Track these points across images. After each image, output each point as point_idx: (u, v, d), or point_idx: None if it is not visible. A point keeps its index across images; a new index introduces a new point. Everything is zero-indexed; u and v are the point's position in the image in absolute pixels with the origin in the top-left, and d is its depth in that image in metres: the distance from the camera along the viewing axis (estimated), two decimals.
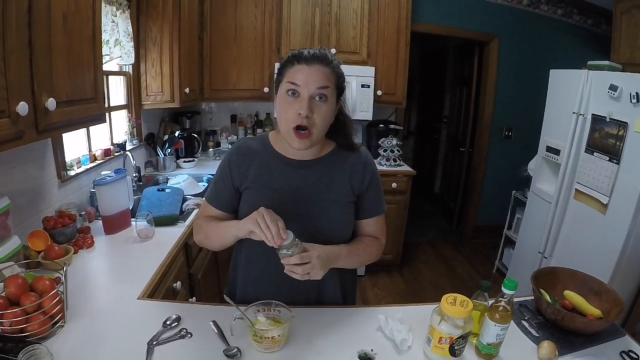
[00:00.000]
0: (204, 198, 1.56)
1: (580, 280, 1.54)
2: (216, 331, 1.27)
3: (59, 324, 1.30)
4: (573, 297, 1.49)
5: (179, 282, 2.00)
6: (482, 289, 1.25)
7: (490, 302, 1.22)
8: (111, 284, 1.69)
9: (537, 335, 1.36)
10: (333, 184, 1.41)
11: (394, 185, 3.86)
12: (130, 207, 2.31)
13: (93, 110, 1.82)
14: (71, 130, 1.86)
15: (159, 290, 1.74)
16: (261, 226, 1.16)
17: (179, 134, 3.65)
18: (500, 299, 1.18)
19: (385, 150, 4.01)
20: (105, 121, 2.00)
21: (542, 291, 1.47)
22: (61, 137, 2.23)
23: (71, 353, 1.19)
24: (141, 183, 3.09)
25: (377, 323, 1.36)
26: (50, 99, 1.44)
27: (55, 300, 1.28)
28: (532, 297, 1.53)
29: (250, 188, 1.41)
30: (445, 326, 1.14)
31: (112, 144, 2.93)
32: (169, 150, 3.51)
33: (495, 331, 1.17)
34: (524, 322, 1.43)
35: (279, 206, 1.33)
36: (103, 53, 2.47)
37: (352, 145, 1.46)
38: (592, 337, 1.35)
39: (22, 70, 1.32)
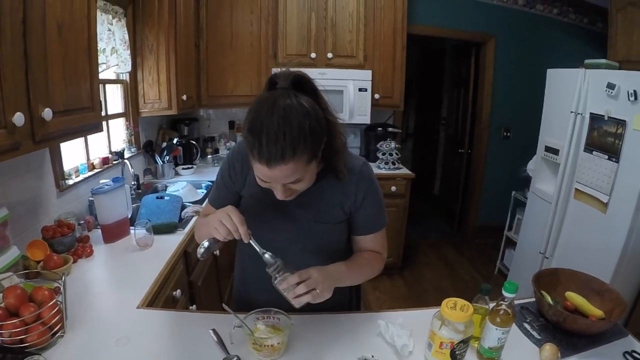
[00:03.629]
0: (206, 200, 1.52)
1: (581, 280, 1.53)
2: (216, 339, 1.26)
3: (58, 334, 1.29)
4: (575, 298, 1.48)
5: (178, 290, 1.99)
6: (483, 293, 1.24)
7: (491, 305, 1.22)
8: (111, 293, 1.68)
9: (539, 337, 1.35)
10: (322, 204, 1.36)
11: (393, 188, 3.85)
12: (129, 216, 2.31)
13: (90, 119, 1.82)
14: (68, 140, 1.86)
15: (158, 298, 1.73)
16: (222, 234, 1.14)
17: (177, 141, 3.64)
18: (501, 302, 1.17)
19: (383, 154, 4.01)
20: (102, 130, 2.00)
21: (544, 293, 1.47)
22: (59, 147, 2.22)
23: None
24: (140, 191, 3.08)
25: (377, 329, 1.35)
26: (47, 109, 1.44)
27: (54, 311, 1.28)
28: (534, 299, 1.52)
29: (245, 197, 1.40)
30: (446, 331, 1.13)
31: (110, 153, 2.93)
32: (168, 157, 3.51)
33: (496, 335, 1.16)
34: (525, 325, 1.42)
35: (268, 220, 1.34)
36: (99, 62, 2.48)
37: (339, 173, 1.32)
38: (594, 338, 1.34)
39: (18, 81, 1.32)
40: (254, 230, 1.25)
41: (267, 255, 1.17)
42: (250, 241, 1.16)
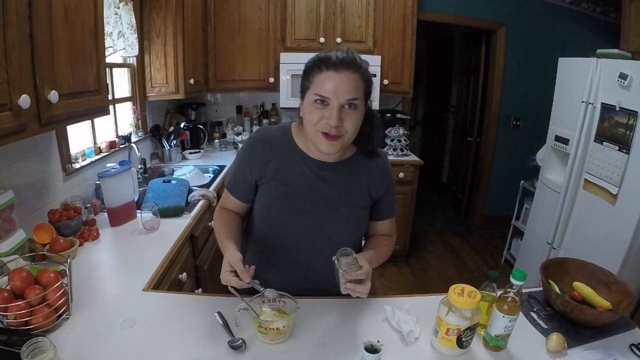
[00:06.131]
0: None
1: (589, 271, 1.52)
2: (221, 322, 1.26)
3: (63, 316, 1.30)
4: (582, 288, 1.47)
5: (184, 274, 2.00)
6: (491, 280, 1.23)
7: (499, 293, 1.21)
8: (116, 275, 1.69)
9: (545, 327, 1.34)
10: (352, 188, 1.41)
11: (401, 175, 3.84)
12: (136, 199, 2.31)
13: (96, 102, 1.81)
14: (75, 123, 1.86)
15: (164, 281, 1.74)
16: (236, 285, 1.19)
17: (184, 126, 3.65)
18: (509, 289, 1.16)
19: (392, 140, 3.99)
20: (109, 113, 1.99)
21: (551, 282, 1.45)
22: (65, 130, 2.23)
23: (75, 345, 1.19)
24: (147, 175, 3.09)
25: (383, 314, 1.35)
26: (53, 91, 1.44)
27: (59, 293, 1.28)
28: (541, 288, 1.51)
29: (268, 184, 1.41)
30: (453, 317, 1.12)
31: (117, 137, 2.93)
32: (175, 141, 3.51)
33: (503, 323, 1.15)
34: (532, 314, 1.41)
35: (297, 206, 1.37)
36: (106, 45, 2.48)
37: (373, 152, 1.44)
38: (601, 329, 1.33)
39: (24, 64, 1.31)
40: (280, 216, 1.38)
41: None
42: (251, 283, 1.21)
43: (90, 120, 2.56)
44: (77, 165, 2.34)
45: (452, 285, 1.15)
